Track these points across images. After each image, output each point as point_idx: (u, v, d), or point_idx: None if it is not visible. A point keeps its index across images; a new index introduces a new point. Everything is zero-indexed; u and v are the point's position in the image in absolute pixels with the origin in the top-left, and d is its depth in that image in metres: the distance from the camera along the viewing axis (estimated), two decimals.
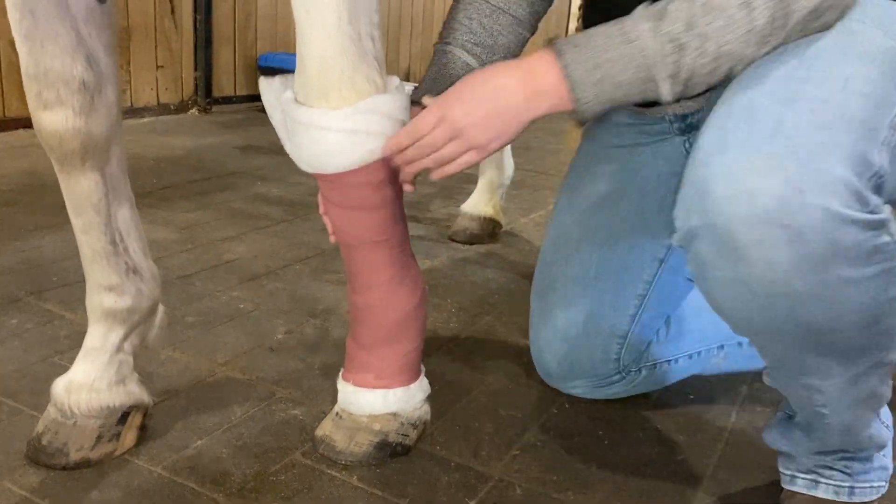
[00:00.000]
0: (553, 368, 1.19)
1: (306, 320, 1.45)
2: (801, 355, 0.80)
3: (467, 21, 1.06)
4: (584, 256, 1.16)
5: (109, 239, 0.99)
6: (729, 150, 0.72)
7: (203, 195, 2.27)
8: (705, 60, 0.78)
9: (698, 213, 0.74)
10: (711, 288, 0.78)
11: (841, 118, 0.73)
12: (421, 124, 0.85)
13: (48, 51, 0.87)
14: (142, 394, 1.04)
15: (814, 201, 0.68)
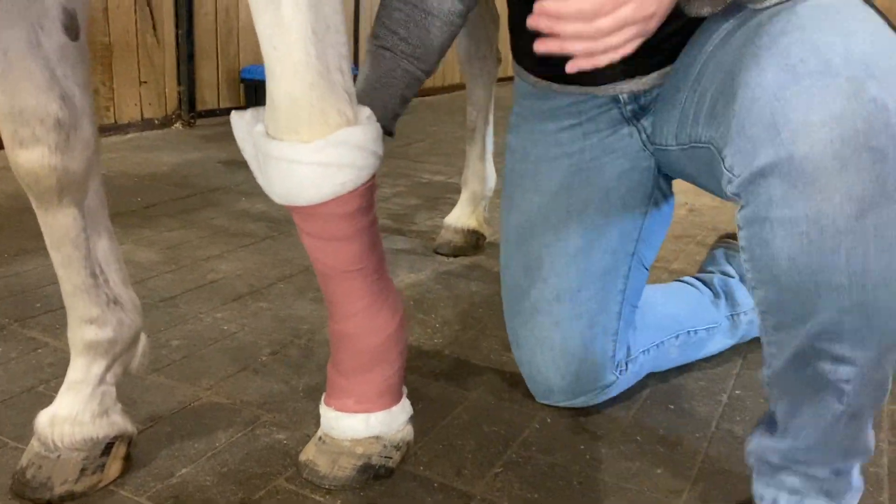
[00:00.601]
0: (556, 386, 1.20)
1: (290, 341, 1.46)
2: (842, 315, 0.76)
3: (404, 31, 1.08)
4: (561, 273, 1.17)
5: (89, 272, 1.00)
6: (804, 79, 0.71)
7: (187, 213, 2.27)
8: None
9: (772, 147, 0.72)
10: (773, 233, 0.75)
11: (892, 45, 0.74)
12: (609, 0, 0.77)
13: (23, 90, 0.88)
14: (125, 423, 1.05)
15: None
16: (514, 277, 1.23)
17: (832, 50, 0.72)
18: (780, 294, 0.79)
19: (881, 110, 0.68)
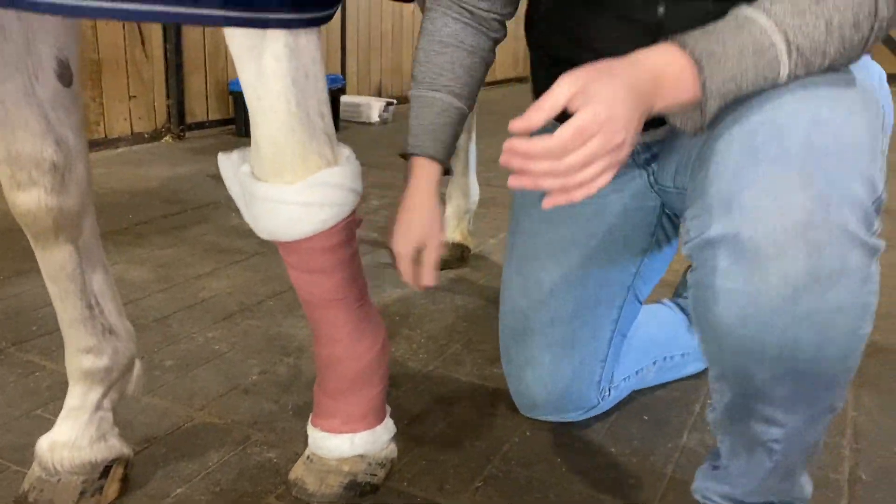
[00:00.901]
0: (541, 403, 1.26)
1: (279, 360, 1.51)
2: (774, 383, 0.82)
3: (450, 73, 1.09)
4: (559, 298, 1.21)
5: (85, 304, 1.04)
6: (761, 164, 0.75)
7: (178, 229, 2.32)
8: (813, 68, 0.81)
9: (724, 222, 0.77)
10: (715, 299, 0.80)
11: (857, 143, 0.77)
12: (575, 137, 0.73)
13: (19, 137, 0.93)
14: (122, 447, 1.10)
15: (836, 219, 0.73)
16: (512, 297, 1.26)
17: (793, 138, 0.76)
18: (720, 352, 0.85)
19: (823, 207, 0.73)
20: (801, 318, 0.76)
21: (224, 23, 0.78)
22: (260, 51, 0.83)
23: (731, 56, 0.78)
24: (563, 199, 0.76)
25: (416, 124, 1.09)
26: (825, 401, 0.85)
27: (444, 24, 1.09)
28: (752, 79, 0.79)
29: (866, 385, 1.50)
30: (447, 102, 1.09)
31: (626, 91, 0.74)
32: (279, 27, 0.82)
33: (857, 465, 1.23)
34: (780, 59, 0.79)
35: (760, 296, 0.76)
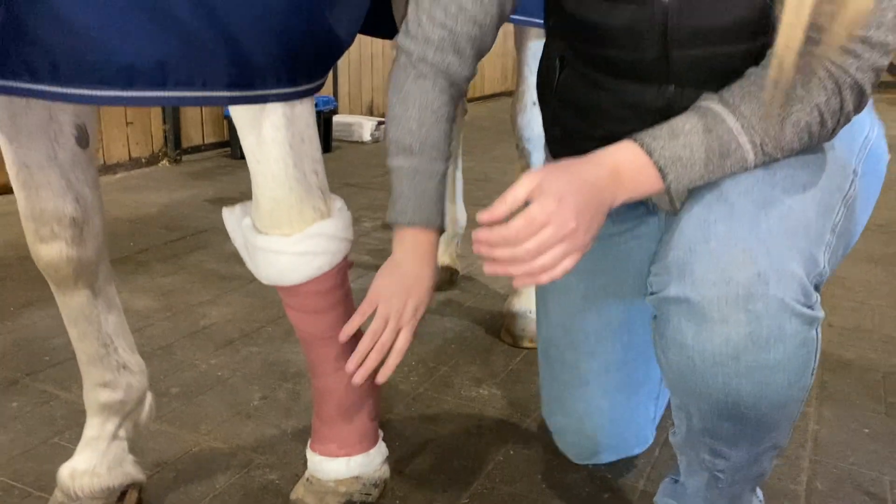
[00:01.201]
0: (603, 448, 1.25)
1: (279, 385, 1.61)
2: (720, 422, 0.92)
3: (444, 137, 1.05)
4: (608, 347, 1.21)
5: (101, 343, 1.14)
6: (711, 241, 0.84)
7: (178, 257, 2.42)
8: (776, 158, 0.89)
9: (678, 286, 0.85)
10: (669, 348, 0.89)
11: (802, 225, 0.86)
12: (526, 227, 0.81)
13: (42, 196, 1.03)
14: (136, 472, 1.20)
15: (775, 293, 0.82)
16: (559, 351, 1.26)
17: (742, 219, 0.85)
18: (675, 390, 0.95)
19: (762, 283, 0.82)
20: (741, 373, 0.85)
21: (228, 102, 0.88)
22: (260, 121, 0.94)
23: (699, 160, 0.87)
24: (530, 280, 0.84)
25: (417, 194, 1.02)
26: (768, 440, 0.94)
27: (436, 96, 1.04)
28: (718, 174, 0.88)
29: (829, 399, 1.60)
30: (443, 170, 1.06)
31: (578, 185, 0.84)
32: (277, 101, 0.92)
33: (814, 476, 1.34)
34: (747, 158, 0.88)
35: (706, 352, 0.85)
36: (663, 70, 0.96)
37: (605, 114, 1.04)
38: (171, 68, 0.81)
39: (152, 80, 0.81)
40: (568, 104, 1.10)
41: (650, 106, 0.99)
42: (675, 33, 0.93)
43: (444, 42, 1.01)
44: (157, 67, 0.80)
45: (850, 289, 2.27)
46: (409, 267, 1.02)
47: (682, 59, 0.94)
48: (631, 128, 0.92)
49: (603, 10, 0.96)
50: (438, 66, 1.02)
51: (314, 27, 0.92)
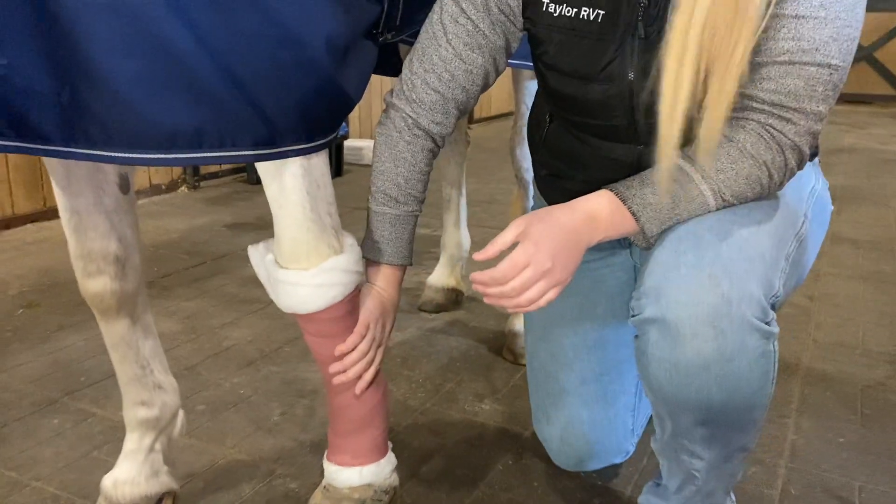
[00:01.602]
0: (585, 457, 1.36)
1: (297, 401, 1.74)
2: (694, 426, 1.05)
3: (424, 187, 1.22)
4: (584, 361, 1.36)
5: (139, 365, 1.28)
6: (681, 269, 0.98)
7: (200, 281, 2.56)
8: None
9: (655, 308, 0.99)
10: (649, 362, 1.03)
11: (758, 254, 1.00)
12: (510, 269, 0.98)
13: (90, 237, 1.17)
14: (171, 482, 1.33)
15: (737, 311, 0.95)
16: (542, 363, 1.41)
17: (708, 249, 0.98)
18: (655, 400, 1.08)
19: (726, 303, 0.95)
20: (711, 382, 0.99)
21: (254, 159, 1.02)
22: (281, 172, 1.08)
23: (666, 205, 1.02)
24: (519, 310, 1.00)
25: (396, 237, 1.20)
26: (736, 442, 1.08)
27: (423, 157, 1.20)
28: (685, 216, 1.03)
29: (808, 411, 1.72)
30: (419, 212, 1.24)
31: (556, 231, 0.98)
32: (296, 155, 1.06)
33: (789, 482, 1.45)
34: (708, 202, 1.03)
35: (680, 364, 0.99)
36: (633, 133, 1.12)
37: (586, 163, 1.20)
38: (206, 133, 0.95)
39: (190, 143, 0.95)
40: (554, 152, 1.25)
41: (623, 161, 1.15)
42: (639, 106, 1.09)
43: (435, 105, 1.18)
44: (195, 133, 0.95)
45: (838, 305, 2.38)
46: (388, 295, 1.22)
47: (646, 125, 1.09)
48: (608, 175, 1.09)
49: (580, 88, 1.13)
50: (428, 128, 1.19)
51: (327, 92, 1.06)
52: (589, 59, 1.10)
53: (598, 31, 1.09)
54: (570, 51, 1.11)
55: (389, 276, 1.23)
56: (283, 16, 0.96)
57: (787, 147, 1.02)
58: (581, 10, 1.09)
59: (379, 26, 1.25)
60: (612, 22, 1.08)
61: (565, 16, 1.11)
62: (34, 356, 1.97)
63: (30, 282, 2.51)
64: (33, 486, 1.42)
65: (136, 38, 0.88)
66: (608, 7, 1.08)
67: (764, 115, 1.01)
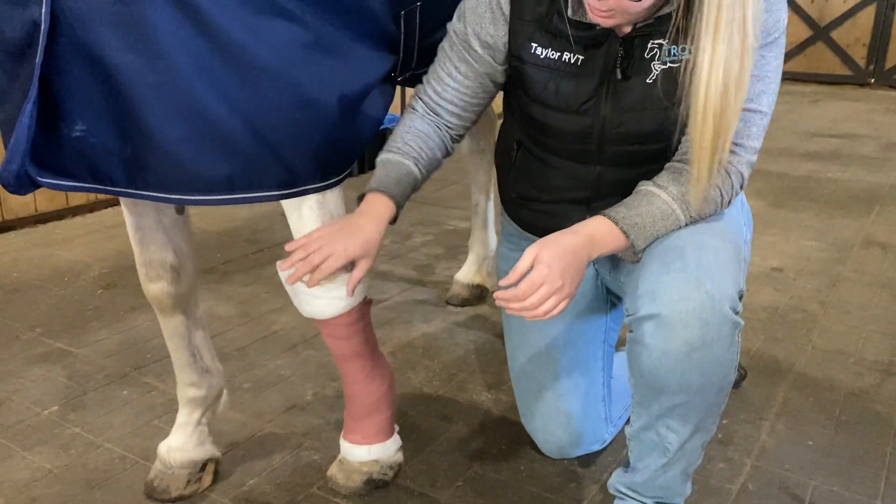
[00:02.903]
0: (566, 444, 1.58)
1: (328, 384, 2.00)
2: (675, 406, 1.26)
3: (418, 146, 1.39)
4: (555, 359, 1.58)
5: (191, 353, 1.55)
6: (671, 273, 1.20)
7: (257, 268, 2.85)
8: None
9: (650, 306, 1.21)
10: (643, 351, 1.23)
11: (727, 259, 1.24)
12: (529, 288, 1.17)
13: (151, 249, 1.44)
14: (214, 450, 1.61)
15: (718, 306, 1.18)
16: (521, 364, 1.64)
17: (689, 258, 1.21)
18: (643, 384, 1.28)
19: (710, 299, 1.17)
20: (693, 366, 1.21)
21: (278, 198, 1.26)
22: (300, 205, 1.31)
23: (649, 224, 1.25)
24: (537, 318, 1.20)
25: (382, 174, 1.35)
26: (704, 422, 1.30)
27: (421, 123, 1.42)
28: (663, 232, 1.26)
29: (786, 415, 1.88)
30: (411, 168, 1.37)
31: (562, 253, 1.20)
32: (313, 192, 1.29)
33: (749, 479, 1.63)
34: (680, 219, 1.26)
35: (669, 352, 1.21)
36: (598, 157, 1.36)
37: (553, 184, 1.43)
38: (237, 179, 1.19)
39: (225, 188, 1.19)
40: (523, 177, 1.48)
41: (585, 178, 1.39)
42: (609, 135, 1.32)
43: (446, 107, 1.43)
44: (227, 180, 1.19)
45: (848, 313, 2.48)
46: (356, 218, 1.30)
47: (611, 151, 1.34)
48: (571, 192, 1.37)
49: (561, 119, 1.35)
50: (445, 120, 1.44)
51: (340, 140, 1.28)
52: (573, 94, 1.32)
53: (578, 73, 1.31)
54: (557, 87, 1.33)
55: (370, 202, 1.32)
56: (300, 84, 1.19)
57: (733, 173, 1.26)
58: (563, 53, 1.31)
59: (396, 70, 1.47)
60: (591, 66, 1.30)
61: (550, 58, 1.32)
62: (109, 333, 2.28)
63: (109, 264, 2.85)
64: (105, 448, 1.72)
65: (180, 109, 1.12)
66: (586, 55, 1.30)
67: None
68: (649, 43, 1.26)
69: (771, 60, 1.24)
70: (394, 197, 1.33)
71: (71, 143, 1.15)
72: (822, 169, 4.32)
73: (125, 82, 1.10)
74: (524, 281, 1.19)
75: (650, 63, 1.27)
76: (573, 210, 1.40)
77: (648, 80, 1.27)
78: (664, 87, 1.26)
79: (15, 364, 2.10)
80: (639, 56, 1.28)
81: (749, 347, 2.21)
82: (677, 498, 1.39)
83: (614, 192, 1.33)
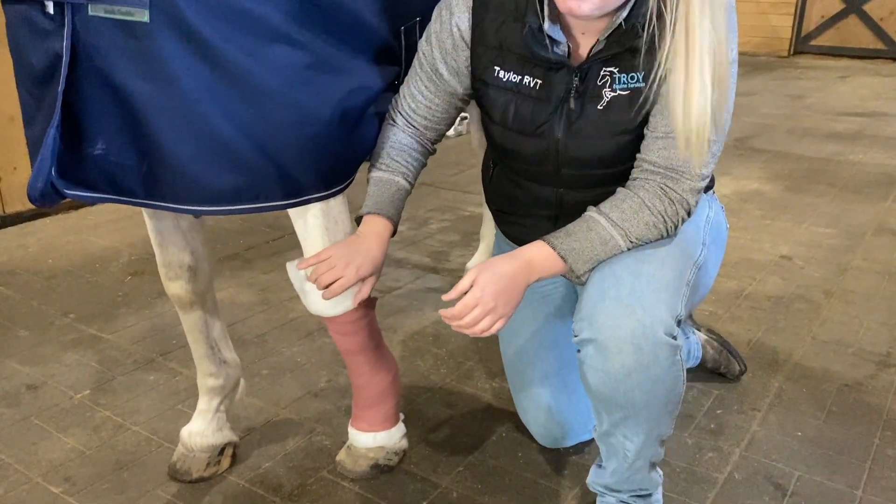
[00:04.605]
0: (559, 436, 1.68)
1: (341, 371, 2.11)
2: (624, 419, 1.35)
3: (405, 160, 1.47)
4: (544, 359, 1.67)
5: (209, 345, 1.67)
6: (606, 300, 1.27)
7: (278, 254, 2.96)
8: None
9: (588, 331, 1.29)
10: (588, 371, 1.32)
11: (663, 285, 1.29)
12: (462, 309, 1.25)
13: (170, 251, 1.54)
14: (232, 435, 1.73)
15: (651, 332, 1.24)
16: (511, 363, 1.73)
17: (624, 284, 1.27)
18: (594, 398, 1.37)
19: (642, 326, 1.24)
20: (634, 386, 1.29)
21: (283, 208, 1.35)
22: (305, 213, 1.41)
23: (587, 249, 1.30)
24: (478, 336, 1.28)
25: (377, 195, 1.43)
26: (656, 430, 1.37)
27: (403, 136, 1.48)
28: (603, 257, 1.31)
29: (778, 406, 1.95)
30: (401, 184, 1.46)
31: (498, 277, 1.27)
32: (317, 201, 1.38)
33: (736, 468, 1.71)
34: (619, 244, 1.31)
35: (609, 373, 1.29)
36: (557, 179, 1.42)
37: (521, 202, 1.51)
38: (244, 192, 1.29)
39: (232, 199, 1.29)
40: (498, 193, 1.57)
41: (548, 200, 1.46)
42: (563, 159, 1.38)
43: (420, 117, 1.49)
44: (234, 192, 1.28)
45: (852, 303, 2.52)
46: (363, 240, 1.39)
47: (568, 174, 1.40)
48: (537, 211, 1.44)
49: (518, 141, 1.42)
50: (416, 129, 1.50)
51: (342, 152, 1.37)
52: (528, 118, 1.38)
53: (536, 97, 1.37)
54: (516, 110, 1.39)
55: (371, 224, 1.41)
56: (301, 103, 1.28)
57: (677, 201, 1.30)
58: (524, 77, 1.37)
59: (399, 78, 1.55)
60: (548, 92, 1.35)
61: (512, 81, 1.38)
62: (138, 320, 2.42)
63: (138, 251, 2.98)
64: (133, 430, 1.85)
65: (190, 129, 1.21)
66: (545, 79, 1.35)
67: (659, 176, 1.30)
68: (601, 70, 1.31)
69: None
70: (391, 217, 1.43)
71: (93, 160, 1.26)
72: (844, 150, 4.30)
73: (139, 106, 1.20)
74: (459, 302, 1.27)
75: (601, 90, 1.32)
76: (543, 225, 1.48)
77: (599, 106, 1.32)
78: (616, 113, 1.31)
79: (51, 349, 2.24)
80: (592, 83, 1.33)
81: (750, 338, 2.27)
82: (650, 486, 1.47)
83: (578, 210, 1.37)
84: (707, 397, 1.97)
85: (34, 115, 1.24)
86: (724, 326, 2.33)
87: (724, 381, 2.04)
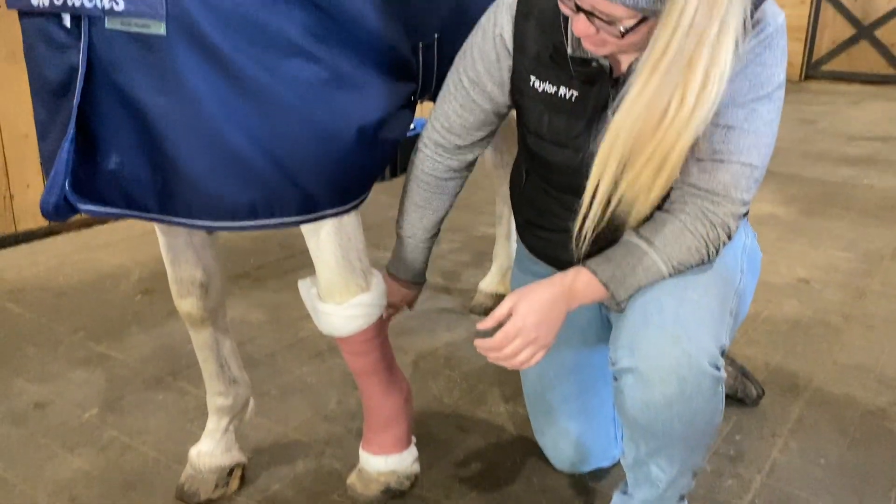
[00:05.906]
0: (577, 462, 1.63)
1: (351, 392, 2.08)
2: (661, 449, 1.31)
3: (430, 220, 1.54)
4: (564, 382, 1.63)
5: (219, 364, 1.64)
6: (649, 328, 1.24)
7: (288, 273, 2.94)
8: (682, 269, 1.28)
9: (629, 360, 1.25)
10: (625, 400, 1.28)
11: (708, 314, 1.26)
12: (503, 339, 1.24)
13: (182, 268, 1.52)
14: (241, 456, 1.69)
15: (695, 362, 1.21)
16: (531, 383, 1.69)
17: (668, 312, 1.23)
18: (629, 427, 1.33)
19: (687, 356, 1.20)
20: (674, 416, 1.25)
21: (298, 223, 1.33)
22: (318, 229, 1.39)
23: (629, 276, 1.27)
24: (514, 368, 1.27)
25: (407, 261, 1.57)
26: (691, 461, 1.34)
27: (430, 176, 1.51)
28: (644, 283, 1.28)
29: (800, 431, 1.90)
30: (429, 245, 1.57)
31: (539, 305, 1.24)
32: (332, 217, 1.36)
33: (757, 496, 1.66)
34: (661, 270, 1.27)
35: (650, 403, 1.25)
36: None
37: (553, 213, 1.47)
38: (258, 207, 1.27)
39: (247, 215, 1.27)
40: (530, 203, 1.54)
41: (576, 208, 1.39)
42: None
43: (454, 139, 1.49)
44: (249, 207, 1.26)
45: (872, 327, 2.48)
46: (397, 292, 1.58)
47: None
48: (568, 223, 1.35)
49: (554, 151, 1.39)
50: (449, 159, 1.51)
51: (356, 168, 1.35)
52: (564, 129, 1.36)
53: (572, 108, 1.34)
54: (550, 120, 1.37)
55: (406, 287, 1.58)
56: (317, 118, 1.26)
57: (719, 225, 1.26)
58: (560, 88, 1.35)
59: (415, 95, 1.53)
60: (584, 103, 1.33)
61: (547, 92, 1.36)
62: (147, 339, 2.39)
63: (148, 269, 2.97)
64: (140, 451, 1.82)
65: (205, 144, 1.20)
66: (581, 91, 1.33)
67: (700, 199, 1.26)
68: None
69: (763, 114, 1.22)
70: (417, 279, 1.61)
71: (107, 174, 1.24)
72: (858, 174, 4.27)
73: (155, 120, 1.18)
74: (500, 332, 1.24)
75: None
76: (571, 242, 1.42)
77: None
78: None
79: (59, 367, 2.22)
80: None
81: (768, 361, 2.23)
82: None
83: (610, 228, 1.33)
84: (726, 422, 1.93)
85: (49, 129, 1.23)
86: (741, 350, 2.28)
87: (741, 405, 1.99)
